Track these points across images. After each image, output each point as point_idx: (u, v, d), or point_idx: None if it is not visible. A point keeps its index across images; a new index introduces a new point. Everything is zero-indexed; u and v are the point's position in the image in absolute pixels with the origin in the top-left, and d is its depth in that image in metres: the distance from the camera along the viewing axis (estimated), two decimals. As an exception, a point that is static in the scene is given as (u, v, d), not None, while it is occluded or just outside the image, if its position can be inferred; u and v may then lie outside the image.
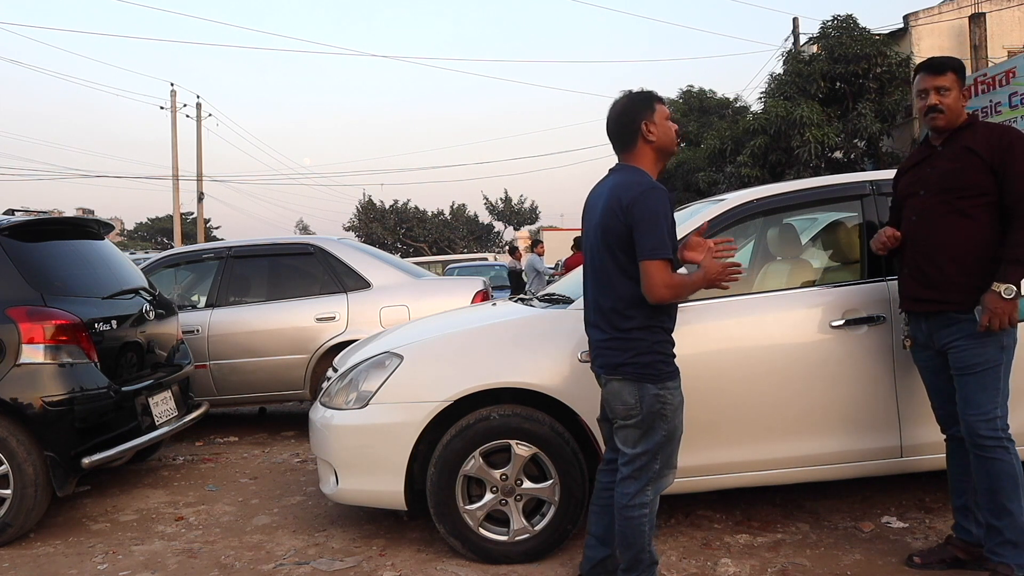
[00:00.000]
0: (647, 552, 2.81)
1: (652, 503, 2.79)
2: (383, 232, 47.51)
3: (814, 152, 15.61)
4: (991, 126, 3.02)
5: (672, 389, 2.72)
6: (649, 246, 2.58)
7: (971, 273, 2.91)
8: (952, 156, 2.99)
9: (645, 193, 2.63)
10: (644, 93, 2.83)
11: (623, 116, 2.81)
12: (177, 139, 29.72)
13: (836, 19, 16.76)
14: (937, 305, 2.99)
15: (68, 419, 4.03)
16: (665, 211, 2.62)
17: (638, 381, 2.69)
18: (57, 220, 5.07)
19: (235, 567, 3.58)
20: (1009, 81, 14.24)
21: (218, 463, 5.59)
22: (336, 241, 6.80)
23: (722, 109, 24.92)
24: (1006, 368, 2.93)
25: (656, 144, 2.79)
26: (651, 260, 2.58)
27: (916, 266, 3.05)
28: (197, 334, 6.20)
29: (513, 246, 17.69)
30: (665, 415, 2.71)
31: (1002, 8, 19.65)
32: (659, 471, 2.78)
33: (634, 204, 2.62)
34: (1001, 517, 2.89)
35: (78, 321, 4.16)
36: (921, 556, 3.22)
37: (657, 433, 2.72)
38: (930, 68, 3.07)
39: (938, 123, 3.03)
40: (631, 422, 2.74)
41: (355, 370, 3.63)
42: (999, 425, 2.90)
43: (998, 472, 2.88)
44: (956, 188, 2.94)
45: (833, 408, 3.46)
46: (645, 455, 2.74)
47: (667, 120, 2.81)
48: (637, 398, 2.70)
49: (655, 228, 2.59)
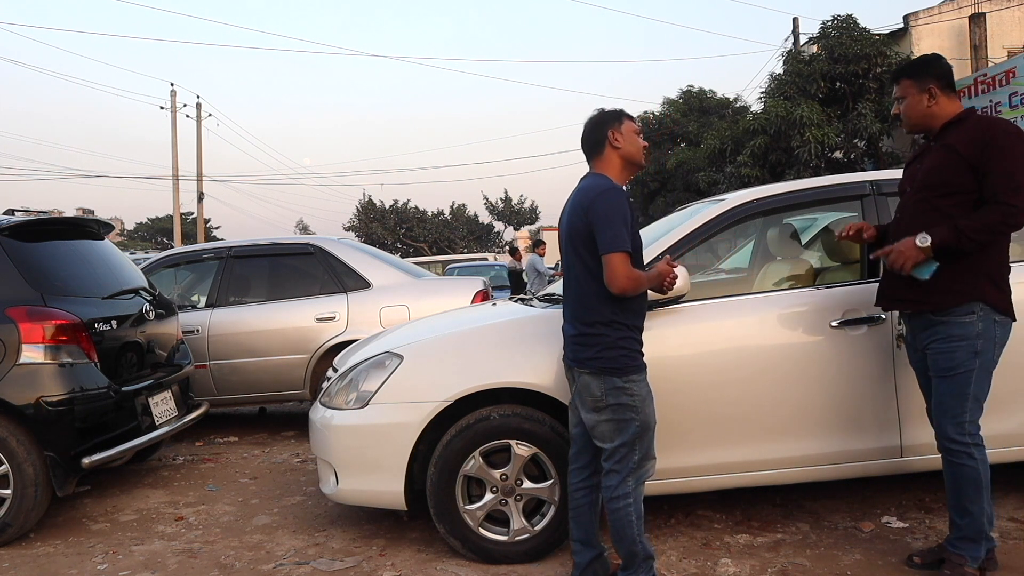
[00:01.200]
0: (639, 544, 2.90)
1: (635, 493, 2.91)
2: (383, 232, 47.52)
3: (814, 152, 15.60)
4: (979, 121, 2.96)
5: (637, 381, 2.87)
6: (607, 240, 2.76)
7: (952, 274, 2.90)
8: (936, 154, 3.01)
9: (603, 193, 2.83)
10: (615, 109, 3.04)
11: (593, 125, 3.01)
12: (177, 139, 29.75)
13: (836, 19, 16.74)
14: (913, 305, 3.03)
15: (68, 419, 4.03)
16: (622, 209, 2.80)
17: (602, 375, 2.85)
18: (57, 220, 5.07)
19: (235, 567, 3.58)
20: (1009, 81, 14.25)
21: (218, 463, 5.60)
22: (336, 241, 6.80)
23: (722, 109, 24.92)
24: (981, 374, 2.92)
25: (622, 152, 2.97)
26: (610, 252, 2.76)
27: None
28: (197, 334, 6.21)
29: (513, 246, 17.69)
30: (633, 406, 2.86)
31: (1002, 8, 19.65)
32: (639, 462, 2.91)
33: (593, 204, 2.82)
34: (962, 516, 2.99)
35: (78, 321, 4.16)
36: (921, 556, 3.24)
37: (630, 424, 2.86)
38: (891, 79, 3.15)
39: (905, 129, 3.15)
40: (603, 417, 2.88)
41: (355, 370, 3.63)
42: (968, 430, 2.93)
43: (962, 476, 2.95)
44: (934, 186, 2.96)
45: (833, 408, 3.47)
46: (623, 447, 2.88)
47: (635, 134, 3.00)
48: (603, 391, 2.85)
49: (611, 223, 2.77)
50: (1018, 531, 3.55)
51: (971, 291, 2.90)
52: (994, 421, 3.21)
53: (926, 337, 3.02)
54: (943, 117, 3.01)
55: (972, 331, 2.90)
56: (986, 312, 2.90)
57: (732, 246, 4.86)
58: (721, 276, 4.54)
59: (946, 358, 2.94)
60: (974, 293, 2.90)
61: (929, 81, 3.01)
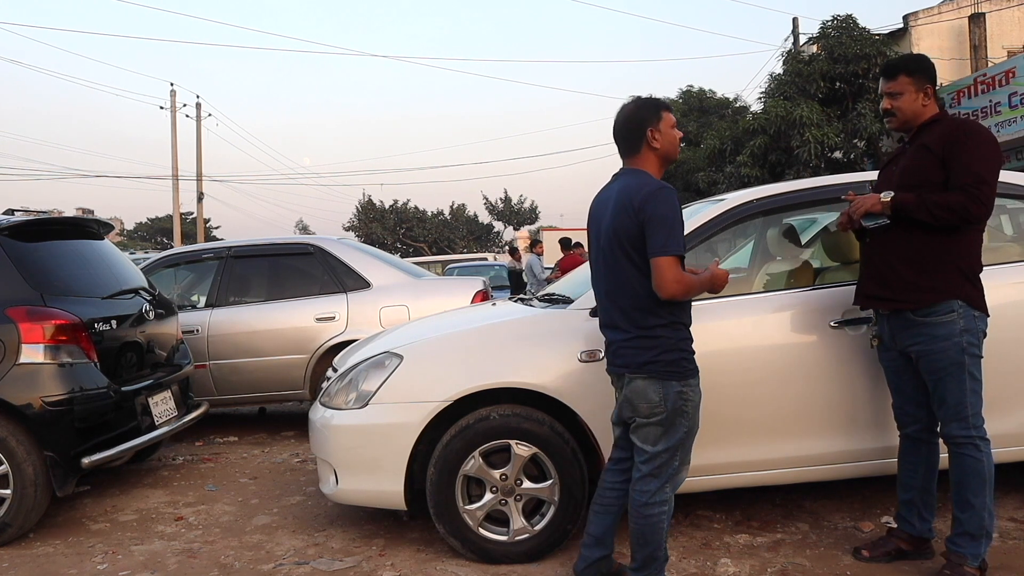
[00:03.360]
0: (662, 549, 2.87)
1: (670, 500, 2.86)
2: (383, 232, 47.54)
3: (814, 152, 15.61)
4: (951, 121, 3.04)
5: (694, 386, 2.80)
6: (660, 243, 2.65)
7: (925, 273, 2.96)
8: (912, 153, 3.06)
9: (655, 192, 2.69)
10: (652, 100, 2.90)
11: (630, 121, 2.87)
12: (177, 139, 29.76)
13: (836, 19, 16.76)
14: (891, 304, 3.05)
15: (68, 419, 4.03)
16: (675, 210, 2.69)
17: (663, 379, 2.74)
18: (57, 220, 5.07)
19: (235, 567, 3.58)
20: (1009, 81, 14.25)
21: (218, 463, 5.59)
22: (336, 241, 6.80)
23: (722, 109, 24.93)
24: (973, 366, 2.97)
25: (660, 151, 2.86)
26: (662, 256, 2.64)
27: (873, 264, 3.11)
28: (197, 334, 6.20)
29: (513, 246, 17.71)
30: (687, 412, 2.78)
31: (1002, 8, 19.67)
32: (678, 468, 2.85)
33: (645, 203, 2.68)
34: (964, 510, 3.00)
35: (78, 321, 4.16)
36: (868, 548, 3.33)
37: (679, 430, 2.78)
38: (884, 71, 3.16)
39: (891, 126, 3.16)
40: (654, 420, 2.77)
41: (355, 370, 3.63)
42: (972, 423, 2.97)
43: (966, 468, 2.98)
44: (912, 185, 2.98)
45: (833, 408, 3.47)
46: (666, 452, 2.80)
47: (672, 128, 2.87)
48: (662, 396, 2.75)
49: (665, 225, 2.65)
50: (1018, 531, 3.56)
51: (949, 289, 2.95)
52: (995, 421, 3.21)
53: (907, 338, 3.04)
54: (924, 118, 3.07)
55: (956, 329, 2.94)
56: (965, 309, 2.95)
57: (732, 246, 4.85)
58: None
59: (937, 359, 2.96)
60: (952, 291, 2.94)
61: (926, 82, 3.07)
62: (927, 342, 2.98)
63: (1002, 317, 3.38)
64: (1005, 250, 3.81)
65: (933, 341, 2.96)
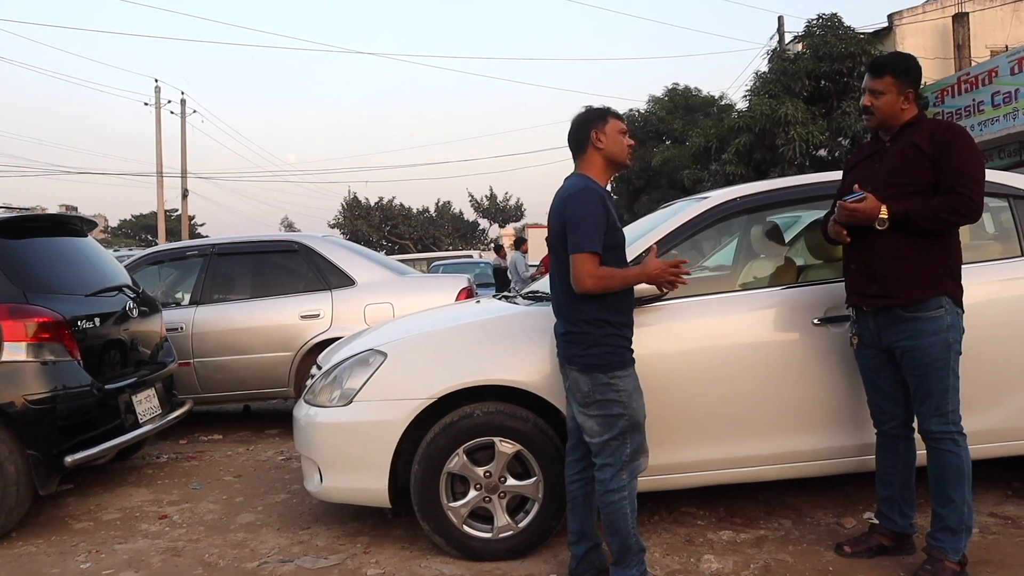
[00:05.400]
0: (633, 538, 2.94)
1: (629, 486, 2.94)
2: (368, 229, 47.43)
3: (799, 150, 15.66)
4: (936, 122, 3.09)
5: (623, 376, 2.90)
6: (575, 240, 2.81)
7: (917, 270, 2.99)
8: (899, 152, 3.07)
9: (576, 194, 2.88)
10: (602, 108, 3.07)
11: (577, 124, 3.04)
12: (161, 136, 29.59)
13: (821, 18, 16.81)
14: (882, 300, 3.07)
15: (50, 417, 4.00)
16: (593, 210, 2.83)
17: (589, 371, 2.89)
18: (40, 217, 5.04)
19: (219, 565, 3.57)
20: (992, 80, 14.36)
21: (202, 461, 5.57)
22: (320, 238, 6.78)
23: (707, 107, 24.99)
24: (955, 364, 3.01)
25: (605, 152, 3.00)
26: (575, 253, 2.81)
27: (863, 262, 3.12)
28: (181, 332, 6.18)
29: (499, 244, 17.70)
30: (620, 401, 2.89)
31: (985, 8, 19.83)
32: (631, 455, 2.94)
33: (566, 205, 2.89)
34: (945, 505, 3.04)
35: (61, 319, 4.13)
36: (850, 544, 3.37)
37: (618, 419, 2.89)
38: (871, 68, 3.16)
39: (869, 124, 3.18)
40: (591, 411, 2.91)
41: (339, 367, 3.63)
42: (951, 419, 3.01)
43: (946, 463, 3.02)
44: (903, 184, 3.01)
45: (815, 405, 3.49)
46: (613, 441, 2.91)
47: (620, 133, 3.02)
48: (591, 386, 2.89)
49: (581, 224, 2.81)
50: (998, 526, 3.60)
51: (937, 286, 2.99)
52: (974, 417, 3.25)
53: (894, 334, 3.06)
54: (904, 119, 3.09)
55: (943, 324, 2.98)
56: (951, 305, 3.00)
57: (718, 243, 4.88)
58: (705, 273, 4.56)
59: (924, 354, 2.99)
60: (940, 288, 2.99)
61: (909, 86, 3.08)
62: (915, 337, 3.00)
63: (983, 315, 3.42)
64: (987, 248, 3.85)
65: (921, 336, 2.99)
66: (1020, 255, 3.66)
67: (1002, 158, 14.56)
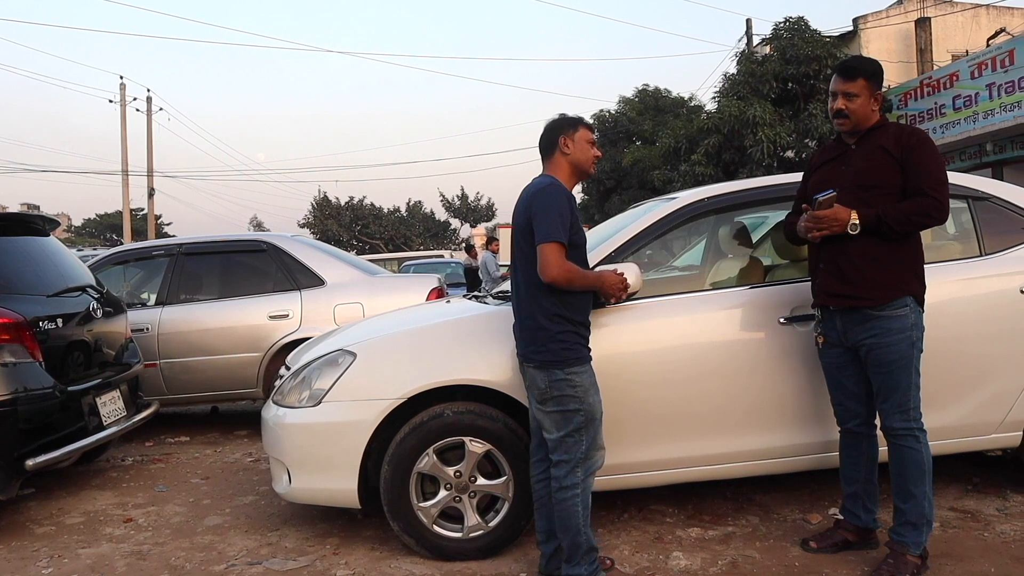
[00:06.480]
0: (583, 535, 2.95)
1: (584, 484, 2.97)
2: (338, 229, 47.10)
3: (766, 151, 15.84)
4: (901, 126, 3.17)
5: (579, 372, 2.94)
6: (543, 231, 2.87)
7: (885, 271, 3.05)
8: (866, 155, 3.12)
9: (544, 188, 2.95)
10: (575, 116, 3.15)
11: (549, 129, 3.12)
12: (126, 133, 29.15)
13: (788, 21, 17.01)
14: (852, 301, 3.11)
15: (11, 420, 3.93)
16: (559, 203, 2.90)
17: (545, 367, 2.93)
18: (0, 216, 4.95)
19: (186, 568, 3.53)
20: (953, 84, 14.62)
21: (168, 463, 5.51)
22: (289, 238, 6.74)
23: (677, 108, 25.18)
24: (918, 362, 3.08)
25: (571, 159, 3.08)
26: (543, 243, 2.86)
27: (833, 263, 3.15)
28: (147, 332, 6.10)
29: (470, 243, 17.68)
30: (576, 396, 2.93)
31: (947, 13, 20.20)
32: (587, 452, 2.97)
33: (534, 199, 2.95)
34: (906, 500, 3.10)
35: (21, 320, 4.06)
36: (816, 540, 3.42)
37: (575, 415, 2.93)
38: (842, 71, 3.18)
39: (843, 128, 3.19)
40: (547, 407, 2.95)
41: (308, 368, 3.60)
42: (912, 416, 3.07)
43: (906, 459, 3.08)
44: (871, 186, 3.06)
45: (781, 403, 3.53)
46: (568, 437, 2.94)
47: (588, 143, 3.10)
48: (548, 383, 2.93)
49: (548, 215, 2.88)
50: (957, 520, 3.66)
51: (903, 286, 3.05)
52: (935, 414, 3.31)
53: (861, 332, 3.10)
54: (872, 123, 3.15)
55: (908, 323, 3.04)
56: (914, 304, 3.07)
57: (688, 243, 4.91)
58: (674, 273, 4.59)
59: (889, 351, 3.04)
60: (905, 287, 3.05)
61: (877, 89, 3.14)
62: (882, 335, 3.05)
63: (945, 313, 3.49)
64: (948, 248, 3.92)
65: (887, 334, 3.04)
66: (979, 255, 3.73)
67: (963, 160, 14.83)
